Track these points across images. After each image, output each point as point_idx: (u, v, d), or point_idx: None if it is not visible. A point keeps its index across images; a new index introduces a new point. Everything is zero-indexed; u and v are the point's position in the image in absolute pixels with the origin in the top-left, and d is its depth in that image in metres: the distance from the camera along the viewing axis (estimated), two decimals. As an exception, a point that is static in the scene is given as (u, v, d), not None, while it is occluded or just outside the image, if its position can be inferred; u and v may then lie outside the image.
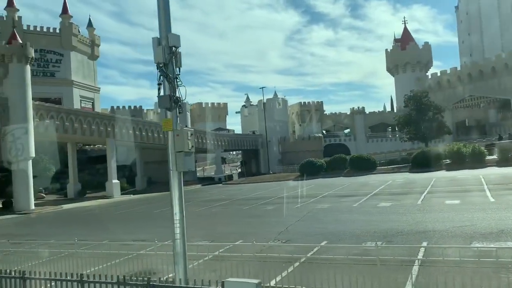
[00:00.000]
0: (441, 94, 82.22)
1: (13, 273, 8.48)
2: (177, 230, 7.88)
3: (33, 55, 34.82)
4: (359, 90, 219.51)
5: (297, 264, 10.07)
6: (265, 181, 45.14)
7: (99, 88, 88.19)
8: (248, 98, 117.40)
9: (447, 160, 38.62)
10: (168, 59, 7.42)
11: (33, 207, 33.89)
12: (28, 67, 34.38)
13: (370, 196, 23.69)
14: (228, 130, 72.89)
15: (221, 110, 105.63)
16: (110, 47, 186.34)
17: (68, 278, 7.27)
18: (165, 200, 37.32)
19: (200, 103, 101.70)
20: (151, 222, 21.74)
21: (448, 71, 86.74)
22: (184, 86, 7.57)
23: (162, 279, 6.76)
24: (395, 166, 42.11)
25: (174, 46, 7.47)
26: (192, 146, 8.05)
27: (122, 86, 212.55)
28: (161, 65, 7.36)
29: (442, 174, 33.75)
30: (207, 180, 57.24)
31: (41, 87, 58.03)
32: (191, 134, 7.97)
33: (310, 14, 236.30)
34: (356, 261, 9.68)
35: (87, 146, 57.12)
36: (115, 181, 42.23)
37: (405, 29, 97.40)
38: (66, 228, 22.23)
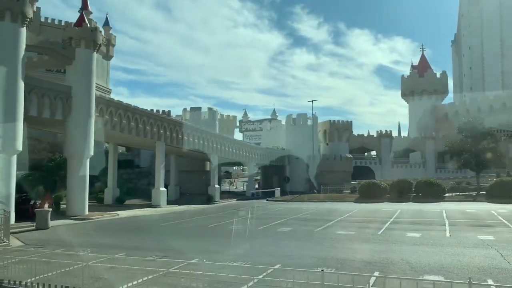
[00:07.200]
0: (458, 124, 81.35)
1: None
2: None
3: (102, 43, 31.06)
4: (338, 116, 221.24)
5: None
6: (321, 201, 41.89)
7: (111, 89, 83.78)
8: (246, 113, 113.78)
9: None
10: None
11: (87, 212, 29.72)
12: (95, 55, 30.65)
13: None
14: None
15: (230, 123, 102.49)
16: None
17: None
18: (226, 215, 32.52)
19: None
20: (273, 240, 18.25)
21: (468, 102, 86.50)
22: None
23: None
24: (466, 194, 39.75)
25: None
26: None
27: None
28: None
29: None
30: (236, 195, 53.59)
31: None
32: None
33: (293, 37, 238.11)
34: None
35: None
36: (163, 189, 38.24)
37: (423, 57, 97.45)
38: (167, 242, 18.37)
